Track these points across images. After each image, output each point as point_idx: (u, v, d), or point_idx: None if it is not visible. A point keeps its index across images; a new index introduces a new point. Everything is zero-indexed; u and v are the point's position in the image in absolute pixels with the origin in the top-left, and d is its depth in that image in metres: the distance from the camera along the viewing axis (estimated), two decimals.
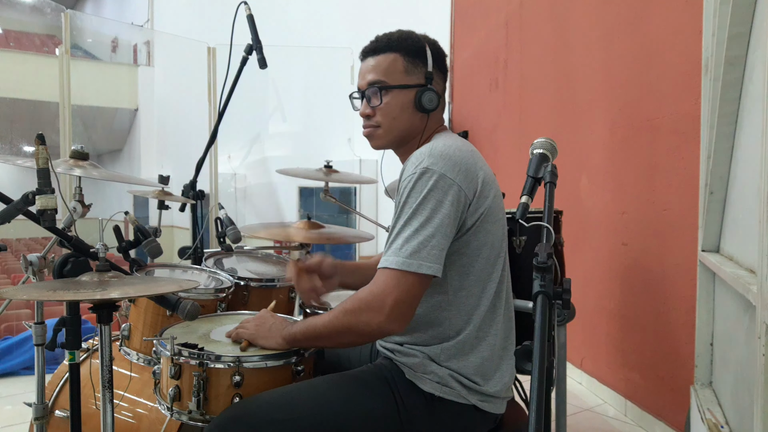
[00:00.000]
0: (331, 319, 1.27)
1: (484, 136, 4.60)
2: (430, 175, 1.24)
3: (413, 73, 1.40)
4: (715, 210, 1.77)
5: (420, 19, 5.55)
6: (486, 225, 1.31)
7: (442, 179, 1.24)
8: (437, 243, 1.22)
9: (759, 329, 1.20)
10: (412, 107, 1.39)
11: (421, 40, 1.43)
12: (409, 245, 1.21)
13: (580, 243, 3.17)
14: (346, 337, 1.28)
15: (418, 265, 1.20)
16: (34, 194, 1.31)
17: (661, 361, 2.54)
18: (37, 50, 12.17)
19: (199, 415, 1.34)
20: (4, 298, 1.73)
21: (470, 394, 1.31)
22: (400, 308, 1.21)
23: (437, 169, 1.24)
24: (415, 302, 1.23)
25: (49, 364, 1.67)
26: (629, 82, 2.78)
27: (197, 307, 1.46)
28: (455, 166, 1.26)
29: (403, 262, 1.20)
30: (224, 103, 2.28)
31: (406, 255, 1.21)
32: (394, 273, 1.21)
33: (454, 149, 1.29)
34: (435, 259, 1.21)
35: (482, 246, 1.31)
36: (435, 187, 1.23)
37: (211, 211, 2.40)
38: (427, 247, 1.21)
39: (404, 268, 1.20)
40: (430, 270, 1.21)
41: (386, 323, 1.20)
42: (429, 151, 1.27)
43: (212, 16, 8.59)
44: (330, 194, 2.38)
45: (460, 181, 1.26)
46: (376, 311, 1.21)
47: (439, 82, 1.44)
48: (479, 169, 1.31)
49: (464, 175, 1.27)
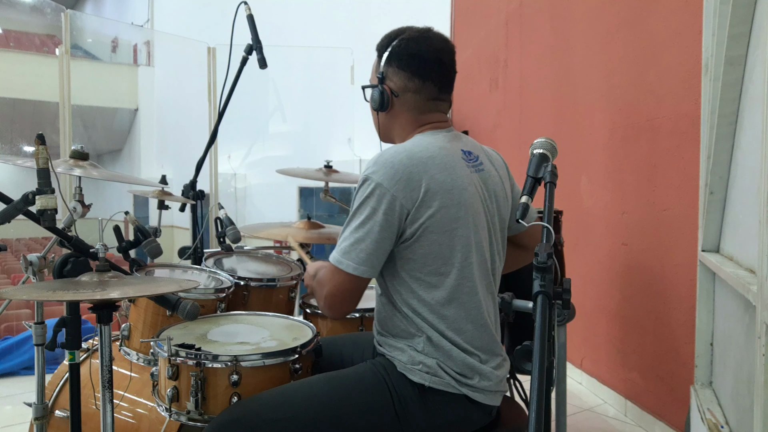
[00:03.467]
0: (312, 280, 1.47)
1: (484, 136, 4.60)
2: (369, 183, 1.29)
3: (375, 73, 1.45)
4: (715, 210, 1.77)
5: (420, 19, 5.53)
6: (431, 235, 1.30)
7: (378, 188, 1.28)
8: (365, 247, 1.28)
9: (759, 329, 1.20)
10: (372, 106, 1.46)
11: (391, 38, 1.43)
12: (344, 245, 1.30)
13: (580, 243, 3.17)
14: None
15: (347, 264, 1.29)
16: (34, 194, 1.31)
17: (661, 361, 2.54)
18: (37, 50, 12.15)
19: (198, 415, 1.34)
20: (4, 298, 1.73)
21: (461, 385, 1.32)
22: (332, 300, 1.34)
23: (376, 177, 1.29)
24: (347, 296, 1.33)
25: (49, 364, 1.67)
26: (629, 82, 2.78)
27: (197, 307, 1.47)
28: (395, 175, 1.28)
29: (336, 260, 1.31)
30: (224, 103, 2.29)
31: (340, 253, 1.30)
32: (331, 267, 1.32)
33: (402, 157, 1.30)
34: (362, 262, 1.28)
35: (427, 255, 1.31)
36: (371, 194, 1.29)
37: (211, 211, 2.40)
38: (356, 249, 1.29)
39: (335, 264, 1.31)
40: (356, 271, 1.28)
41: (324, 309, 1.37)
42: (376, 158, 1.32)
43: (212, 16, 8.57)
44: (330, 194, 2.38)
45: (397, 191, 1.28)
46: (318, 296, 1.39)
47: (395, 80, 1.41)
48: (428, 179, 1.29)
49: (404, 184, 1.28)
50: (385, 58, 1.41)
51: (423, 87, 1.41)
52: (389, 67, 1.41)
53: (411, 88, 1.41)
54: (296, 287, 2.09)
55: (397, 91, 1.42)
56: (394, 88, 1.42)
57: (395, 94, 1.42)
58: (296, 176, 2.40)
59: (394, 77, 1.41)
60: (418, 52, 1.40)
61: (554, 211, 1.40)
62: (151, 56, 11.45)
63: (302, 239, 2.15)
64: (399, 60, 1.41)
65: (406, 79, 1.41)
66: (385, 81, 1.42)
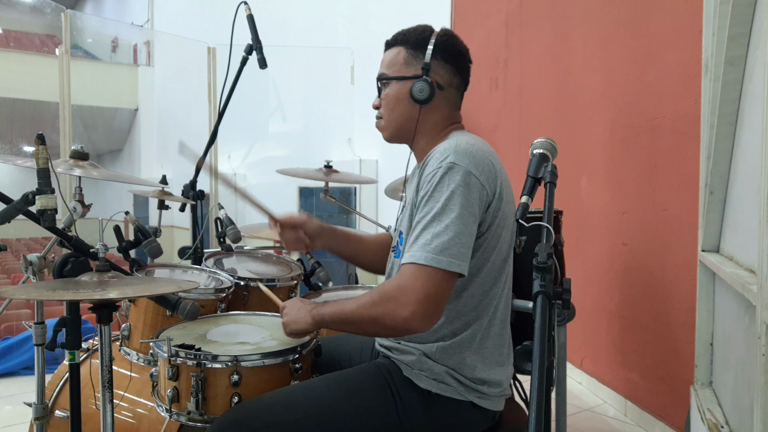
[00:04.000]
0: (359, 307, 1.25)
1: (484, 136, 4.56)
2: (457, 170, 1.22)
3: (412, 65, 1.39)
4: (715, 210, 1.77)
5: (420, 19, 5.54)
6: (499, 230, 1.30)
7: (468, 176, 1.22)
8: (466, 241, 1.20)
9: (759, 329, 1.20)
10: (408, 98, 1.38)
11: (427, 31, 1.40)
12: (438, 241, 1.18)
13: (580, 243, 3.17)
14: (371, 328, 1.26)
15: (448, 262, 1.17)
16: (34, 194, 1.31)
17: (661, 361, 2.54)
18: (37, 50, 12.14)
19: (198, 415, 1.34)
20: (4, 298, 1.73)
21: (467, 391, 1.31)
22: (426, 305, 1.17)
23: (464, 165, 1.22)
24: (442, 300, 1.20)
25: (49, 364, 1.67)
26: (629, 82, 2.78)
27: (197, 307, 1.47)
28: (479, 164, 1.25)
29: (432, 258, 1.17)
30: (224, 103, 2.28)
31: (435, 251, 1.17)
32: (422, 269, 1.17)
33: (477, 148, 1.28)
34: (463, 257, 1.19)
35: (493, 249, 1.30)
36: (462, 183, 1.21)
37: (211, 211, 2.40)
38: (456, 244, 1.18)
39: (433, 264, 1.17)
40: (459, 268, 1.18)
41: (412, 318, 1.17)
42: (454, 147, 1.26)
43: (212, 16, 8.57)
44: (330, 194, 2.38)
45: (484, 180, 1.24)
46: (402, 305, 1.17)
47: (441, 73, 1.39)
48: (498, 171, 1.30)
49: (487, 174, 1.25)
50: (431, 50, 1.37)
51: (461, 85, 1.43)
52: (435, 60, 1.38)
53: (455, 83, 1.42)
54: (296, 287, 2.09)
55: (443, 85, 1.40)
56: (440, 81, 1.39)
57: (440, 87, 1.39)
58: (296, 176, 2.41)
59: (440, 70, 1.39)
60: (462, 50, 1.42)
61: (554, 211, 1.40)
62: (151, 56, 11.44)
63: None
64: (446, 54, 1.39)
65: (451, 73, 1.40)
66: (429, 73, 1.38)
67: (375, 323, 1.23)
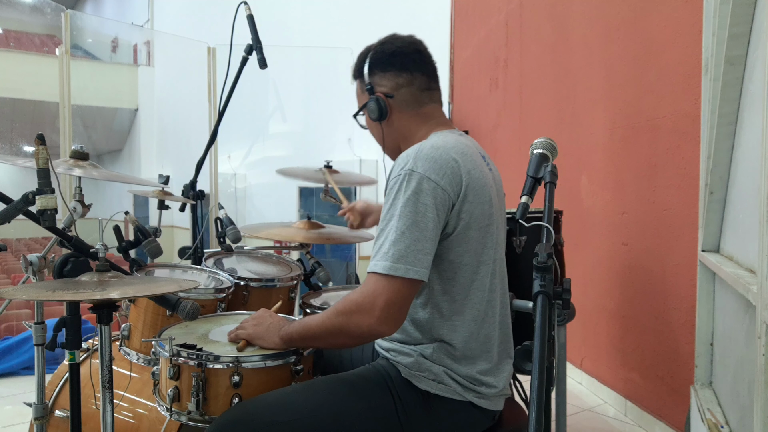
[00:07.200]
0: (324, 320, 1.28)
1: (484, 135, 4.60)
2: (414, 177, 1.23)
3: (363, 92, 1.45)
4: (715, 210, 1.77)
5: (420, 19, 5.56)
6: (466, 230, 1.29)
7: (426, 182, 1.22)
8: (423, 247, 1.21)
9: (759, 329, 1.20)
10: (373, 122, 1.45)
11: (363, 54, 1.45)
12: (395, 249, 1.20)
13: (580, 243, 3.17)
14: (338, 339, 1.28)
15: (405, 269, 1.20)
16: (34, 194, 1.30)
17: (661, 361, 2.54)
18: (37, 50, 12.15)
19: (199, 415, 1.34)
20: (4, 298, 1.73)
21: (466, 392, 1.31)
22: (389, 311, 1.20)
23: (422, 171, 1.23)
24: (405, 305, 1.23)
25: (49, 364, 1.67)
26: (629, 82, 2.78)
27: (197, 307, 1.46)
28: (440, 168, 1.24)
29: (390, 267, 1.20)
30: (224, 103, 2.28)
31: (393, 259, 1.20)
32: (382, 278, 1.20)
33: (441, 151, 1.27)
34: (421, 264, 1.21)
35: (464, 251, 1.30)
36: (419, 190, 1.22)
37: (211, 211, 2.40)
38: (413, 251, 1.20)
39: (391, 272, 1.19)
40: (416, 275, 1.20)
41: (377, 325, 1.20)
42: (416, 153, 1.27)
43: (212, 16, 8.57)
44: (330, 194, 2.38)
45: (445, 184, 1.24)
46: (366, 313, 1.21)
47: (384, 83, 1.42)
48: (466, 172, 1.28)
49: (450, 177, 1.25)
50: (367, 70, 1.42)
51: (413, 78, 1.42)
52: (374, 76, 1.42)
53: (402, 83, 1.42)
54: (296, 287, 2.09)
55: (391, 92, 1.42)
56: (386, 91, 1.42)
57: (390, 96, 1.41)
58: (296, 176, 2.40)
59: (382, 81, 1.42)
60: (395, 49, 1.42)
61: (554, 211, 1.41)
62: (151, 56, 11.45)
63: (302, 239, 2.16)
64: (380, 64, 1.42)
65: (394, 77, 1.42)
66: (374, 90, 1.42)
67: (341, 333, 1.25)
